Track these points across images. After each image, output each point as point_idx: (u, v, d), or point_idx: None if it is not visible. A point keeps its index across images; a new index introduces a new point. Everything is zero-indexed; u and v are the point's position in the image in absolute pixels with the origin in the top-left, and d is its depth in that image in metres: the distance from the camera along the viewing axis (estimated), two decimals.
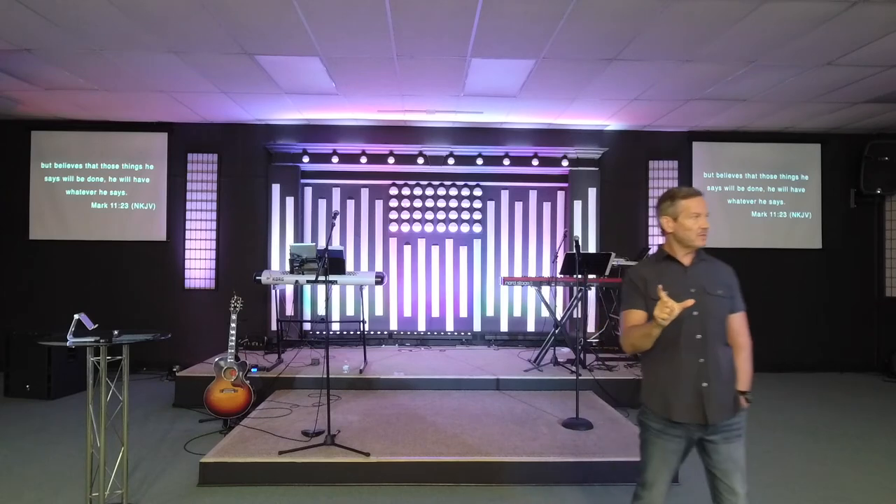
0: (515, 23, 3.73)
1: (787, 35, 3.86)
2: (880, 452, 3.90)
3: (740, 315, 2.03)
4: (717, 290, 1.98)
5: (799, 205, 6.67)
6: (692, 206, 2.00)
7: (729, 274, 2.05)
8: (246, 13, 3.62)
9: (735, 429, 2.01)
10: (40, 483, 3.24)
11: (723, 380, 1.96)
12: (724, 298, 1.99)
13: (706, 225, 2.01)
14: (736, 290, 2.03)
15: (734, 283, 2.04)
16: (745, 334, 2.03)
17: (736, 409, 1.99)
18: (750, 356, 2.03)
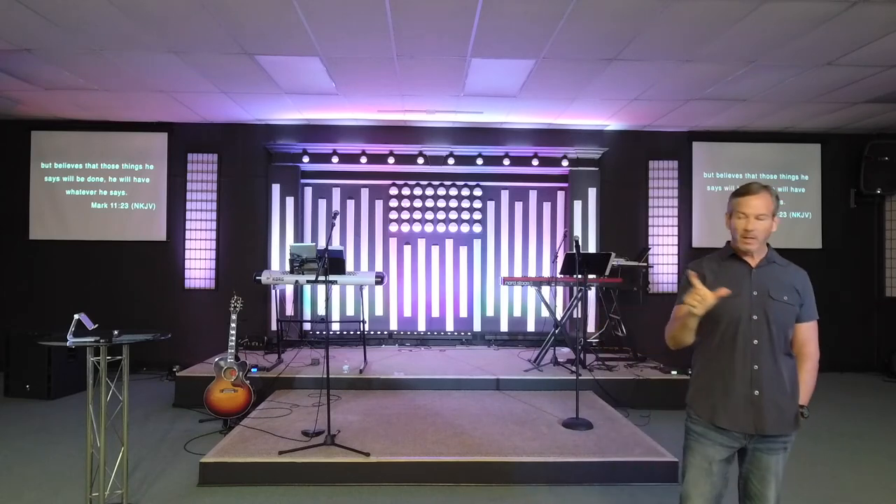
0: (515, 23, 3.72)
1: (787, 35, 3.86)
2: (880, 452, 3.90)
3: (810, 325, 1.87)
4: (783, 295, 1.83)
5: (799, 205, 6.67)
6: (740, 205, 1.87)
7: (801, 280, 1.89)
8: (246, 13, 3.62)
9: (783, 442, 1.86)
10: (40, 483, 3.24)
11: (779, 390, 1.83)
12: (789, 305, 1.84)
13: (749, 227, 1.84)
14: (808, 297, 1.87)
15: (806, 290, 1.87)
16: (813, 345, 1.88)
17: (795, 423, 1.84)
18: (815, 369, 1.88)
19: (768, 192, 1.86)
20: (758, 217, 1.84)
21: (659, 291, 6.56)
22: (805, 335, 1.88)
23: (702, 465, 1.92)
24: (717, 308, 1.81)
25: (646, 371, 5.18)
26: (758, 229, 1.85)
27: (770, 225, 1.87)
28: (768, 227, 1.87)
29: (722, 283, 1.85)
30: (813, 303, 1.89)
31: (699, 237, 6.61)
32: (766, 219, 1.85)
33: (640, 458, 3.34)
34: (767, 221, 1.86)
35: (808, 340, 1.88)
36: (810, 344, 1.88)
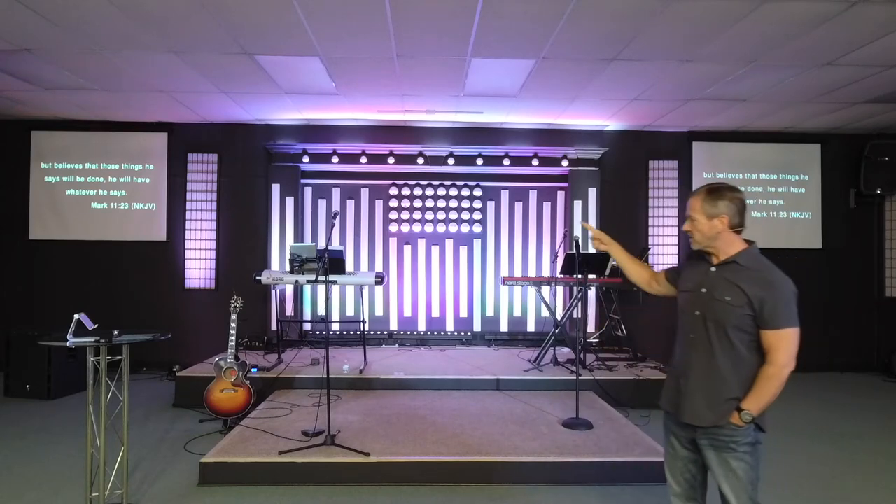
0: (515, 23, 3.72)
1: (787, 35, 3.86)
2: (880, 452, 3.90)
3: (773, 332, 1.81)
4: (726, 296, 1.87)
5: (799, 205, 6.67)
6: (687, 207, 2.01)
7: (761, 284, 1.84)
8: (246, 13, 3.62)
9: (723, 438, 1.87)
10: (40, 483, 3.24)
11: (708, 384, 1.89)
12: (732, 306, 1.85)
13: (686, 227, 1.98)
14: (769, 303, 1.81)
15: (767, 296, 1.81)
16: (777, 353, 1.81)
17: (720, 418, 1.86)
18: (772, 376, 1.82)
19: (702, 193, 1.93)
20: (692, 217, 1.95)
21: None
22: (768, 341, 1.83)
23: (668, 449, 2.09)
24: (679, 302, 2.04)
25: (646, 371, 5.18)
26: (694, 229, 1.95)
27: (708, 226, 1.91)
28: (705, 227, 1.92)
29: (685, 276, 2.05)
30: (780, 311, 1.81)
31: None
32: (699, 219, 1.92)
33: (640, 458, 3.35)
34: (702, 222, 1.92)
35: (772, 348, 1.83)
36: (773, 352, 1.82)
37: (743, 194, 1.95)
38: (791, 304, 1.83)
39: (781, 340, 1.81)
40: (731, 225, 1.91)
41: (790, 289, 1.85)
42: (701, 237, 1.95)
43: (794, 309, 1.83)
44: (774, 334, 1.81)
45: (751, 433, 1.86)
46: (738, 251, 1.93)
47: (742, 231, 1.95)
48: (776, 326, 1.81)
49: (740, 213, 1.92)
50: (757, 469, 1.88)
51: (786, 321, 1.81)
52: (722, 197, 1.90)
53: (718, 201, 1.90)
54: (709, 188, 1.94)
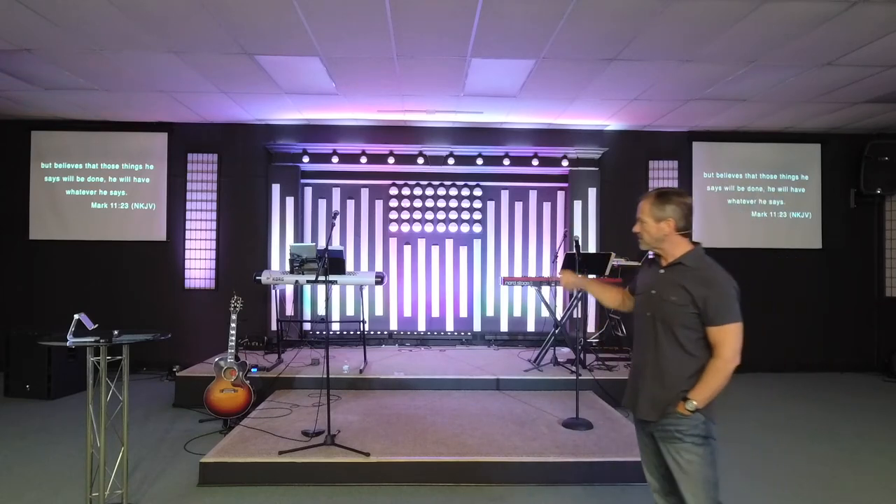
0: (515, 23, 3.72)
1: (787, 35, 3.86)
2: (880, 452, 3.90)
3: (717, 328, 1.89)
4: (671, 295, 1.95)
5: (799, 205, 6.67)
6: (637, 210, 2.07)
7: (703, 282, 1.91)
8: (246, 13, 3.62)
9: (669, 428, 1.94)
10: (40, 483, 3.24)
11: (655, 381, 1.98)
12: (677, 305, 1.93)
13: (635, 228, 2.07)
14: (712, 300, 1.88)
15: (710, 294, 1.89)
16: (722, 348, 1.89)
17: (665, 410, 1.94)
18: (718, 370, 1.88)
19: (651, 197, 2.02)
20: (641, 220, 2.04)
21: None
22: (714, 338, 1.90)
23: (640, 446, 2.16)
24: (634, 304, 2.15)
25: None
26: (643, 231, 2.04)
27: (655, 228, 2.00)
28: (652, 229, 2.01)
29: (639, 280, 2.14)
30: (722, 307, 1.88)
31: (699, 237, 6.51)
32: (648, 221, 2.01)
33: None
34: (650, 224, 2.01)
35: (717, 343, 1.90)
36: (719, 347, 1.89)
37: (690, 199, 2.03)
38: (733, 300, 1.92)
39: (726, 335, 1.89)
40: (678, 228, 1.99)
41: (731, 286, 1.93)
42: (649, 238, 2.04)
43: (736, 305, 1.92)
44: (719, 330, 1.89)
45: (699, 425, 1.90)
46: (684, 253, 2.00)
47: (689, 234, 2.03)
48: (720, 323, 1.89)
49: (686, 217, 1.99)
50: (713, 468, 1.91)
51: (729, 317, 1.89)
52: (669, 201, 1.99)
53: (666, 205, 1.99)
54: (657, 192, 2.03)
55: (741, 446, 3.98)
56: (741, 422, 4.59)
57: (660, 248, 2.03)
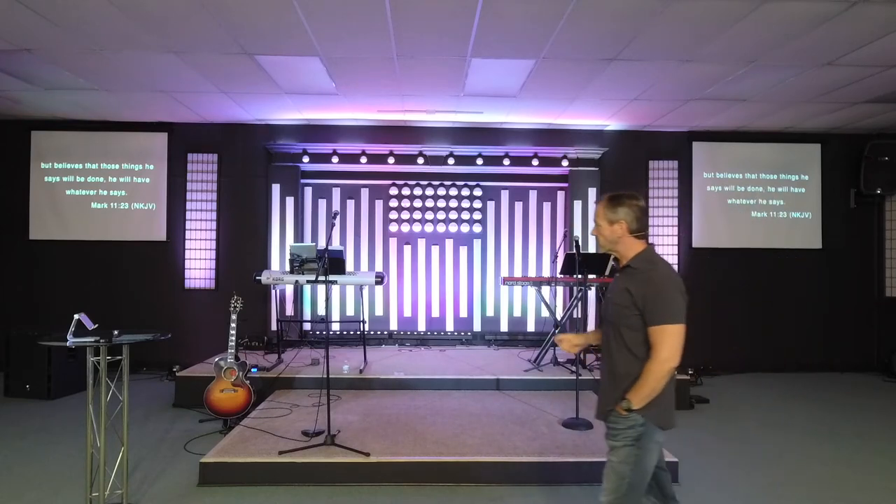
0: (515, 23, 3.72)
1: (787, 35, 3.86)
2: (880, 452, 3.90)
3: (654, 329, 1.87)
4: (616, 298, 2.00)
5: (799, 205, 6.67)
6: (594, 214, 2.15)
7: (642, 284, 1.92)
8: (246, 13, 3.62)
9: (608, 425, 1.98)
10: (40, 483, 3.24)
11: (606, 381, 2.04)
12: (621, 307, 1.96)
13: (594, 232, 2.13)
14: (649, 301, 1.88)
15: (648, 294, 1.89)
16: (658, 349, 1.86)
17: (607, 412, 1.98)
18: (653, 371, 1.86)
19: (605, 201, 2.07)
20: (597, 223, 2.09)
21: None
22: (651, 338, 1.89)
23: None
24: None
25: None
26: (598, 233, 2.09)
27: (609, 230, 2.04)
28: (606, 231, 2.05)
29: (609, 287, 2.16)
30: (660, 307, 1.87)
31: (699, 237, 6.61)
32: (602, 224, 2.06)
33: None
34: (605, 227, 2.05)
35: (654, 344, 1.88)
36: (655, 347, 1.88)
37: (642, 202, 2.05)
38: (672, 301, 1.88)
39: (662, 336, 1.86)
40: (631, 230, 2.01)
41: (673, 287, 1.91)
42: (604, 241, 2.08)
43: (676, 306, 1.89)
44: (655, 330, 1.88)
45: (636, 426, 1.91)
46: (635, 255, 2.02)
47: (643, 236, 2.04)
48: (656, 323, 1.87)
49: (639, 219, 2.01)
50: (632, 468, 1.91)
51: (666, 317, 1.87)
52: (621, 204, 2.02)
53: (618, 208, 2.02)
54: (610, 196, 2.07)
55: (741, 446, 3.98)
56: (741, 421, 4.59)
57: (615, 250, 2.06)
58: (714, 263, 6.57)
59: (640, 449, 1.91)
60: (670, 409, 1.98)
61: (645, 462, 1.92)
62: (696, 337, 6.75)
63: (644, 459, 1.92)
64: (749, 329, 6.53)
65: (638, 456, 1.91)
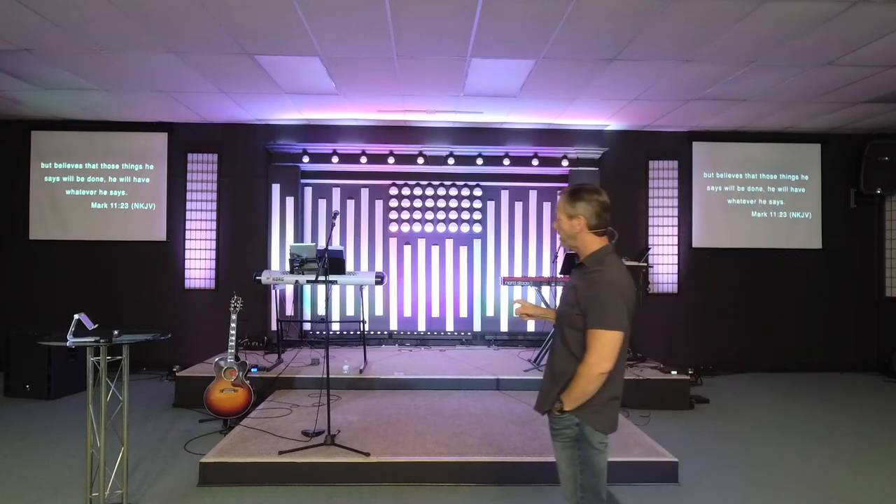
0: (515, 23, 3.72)
1: (787, 35, 3.86)
2: (880, 452, 3.90)
3: (589, 331, 1.84)
4: (565, 296, 2.01)
5: (799, 205, 6.67)
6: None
7: (586, 286, 1.90)
8: (246, 13, 3.62)
9: (556, 428, 2.00)
10: (40, 483, 3.24)
11: (549, 376, 2.04)
12: (566, 307, 1.97)
13: (555, 226, 2.06)
14: (589, 303, 1.85)
15: (589, 297, 1.86)
16: (589, 352, 1.84)
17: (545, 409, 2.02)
18: (580, 374, 1.85)
19: (565, 195, 2.01)
20: (558, 217, 2.03)
21: (659, 291, 6.56)
22: (586, 340, 1.87)
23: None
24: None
25: (646, 371, 5.17)
26: (559, 228, 2.03)
27: (568, 225, 1.99)
28: (565, 226, 2.00)
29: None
30: (596, 311, 1.84)
31: (699, 237, 6.61)
32: (562, 218, 2.00)
33: (640, 458, 3.35)
34: (564, 221, 2.00)
35: (587, 346, 1.86)
36: (587, 350, 1.85)
37: (604, 196, 1.98)
38: (610, 306, 1.84)
39: (594, 340, 1.83)
40: (590, 226, 1.96)
41: (614, 291, 1.86)
42: (564, 235, 2.03)
43: (613, 312, 1.83)
44: (590, 333, 1.85)
45: (572, 427, 1.92)
46: (590, 252, 1.98)
47: (603, 233, 1.99)
48: (591, 326, 1.85)
49: (598, 216, 1.95)
50: (581, 469, 1.92)
51: (598, 322, 1.83)
52: (580, 199, 1.96)
53: (577, 202, 1.96)
54: (571, 189, 2.01)
55: (741, 446, 3.98)
56: (741, 421, 4.59)
57: (573, 245, 2.02)
58: (714, 263, 6.57)
59: (582, 450, 1.91)
60: (609, 412, 1.93)
61: (593, 463, 1.91)
62: (696, 337, 6.79)
63: (591, 460, 1.90)
64: (749, 329, 6.53)
65: (582, 458, 1.91)
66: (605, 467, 1.95)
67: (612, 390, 1.92)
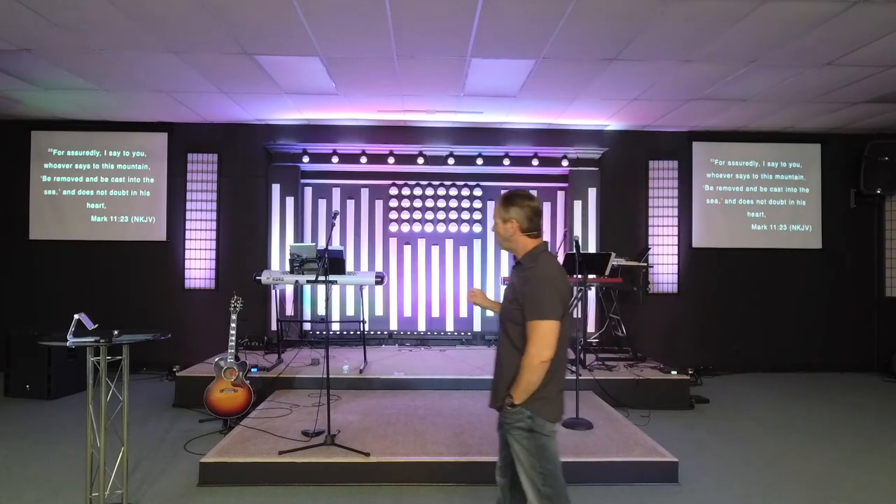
0: (515, 23, 3.72)
1: (787, 35, 3.86)
2: (880, 452, 3.90)
3: (528, 324, 1.96)
4: (506, 293, 2.13)
5: (799, 205, 6.66)
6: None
7: (522, 281, 2.02)
8: (246, 13, 3.62)
9: (502, 419, 2.09)
10: (40, 483, 3.24)
11: (497, 372, 2.15)
12: (507, 302, 2.08)
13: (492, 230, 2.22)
14: (525, 297, 1.97)
15: (525, 291, 1.98)
16: (529, 344, 1.95)
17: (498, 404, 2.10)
18: (524, 367, 1.95)
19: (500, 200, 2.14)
20: (495, 221, 2.17)
21: (659, 291, 6.56)
22: (526, 333, 1.97)
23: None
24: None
25: (646, 371, 5.18)
26: (495, 231, 2.17)
27: (503, 228, 2.12)
28: (500, 229, 2.13)
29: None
30: (531, 303, 1.95)
31: (699, 237, 6.61)
32: (498, 222, 2.14)
33: (640, 458, 3.35)
34: (500, 225, 2.12)
35: (527, 338, 1.96)
36: (527, 342, 1.96)
37: (535, 202, 2.11)
38: (544, 298, 1.95)
39: (532, 331, 1.94)
40: (523, 229, 2.09)
41: (547, 284, 1.98)
42: (500, 238, 2.16)
43: (548, 303, 1.94)
44: (528, 325, 1.96)
45: (524, 419, 2.00)
46: (525, 252, 2.10)
47: (535, 235, 2.11)
48: (529, 318, 1.96)
49: (530, 219, 2.08)
50: (539, 458, 2.00)
51: (536, 313, 1.94)
52: (513, 204, 2.09)
53: (510, 207, 2.09)
54: (504, 195, 2.14)
55: (741, 446, 3.98)
56: (741, 421, 4.59)
57: (509, 247, 2.14)
58: (714, 263, 6.57)
59: (537, 443, 2.00)
60: (555, 401, 2.05)
61: (548, 450, 2.01)
62: (696, 337, 6.78)
63: (547, 448, 2.01)
64: (749, 329, 6.53)
65: (538, 447, 2.00)
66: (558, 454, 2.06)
67: (560, 382, 2.07)
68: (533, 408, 1.99)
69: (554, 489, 2.00)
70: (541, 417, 2.00)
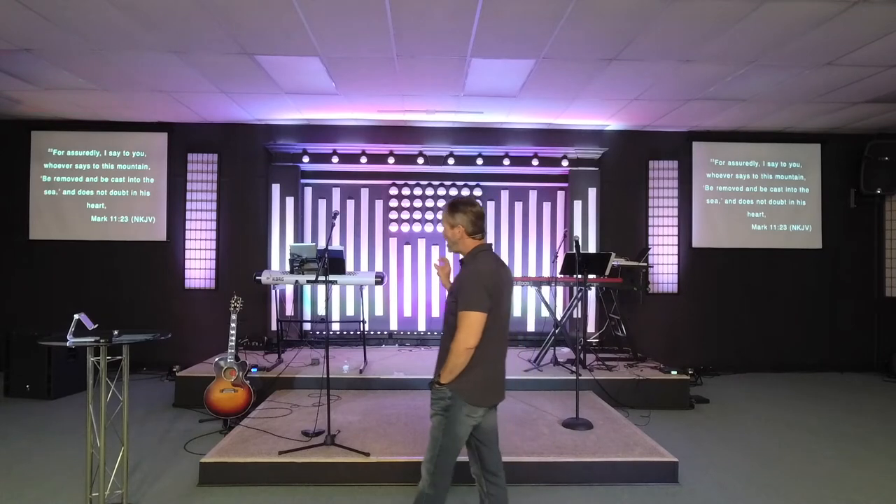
0: (515, 23, 3.72)
1: (787, 35, 3.86)
2: (880, 452, 3.90)
3: (458, 314, 2.15)
4: (450, 291, 2.29)
5: (799, 205, 6.66)
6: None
7: (459, 277, 2.24)
8: (246, 13, 3.62)
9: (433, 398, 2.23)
10: (40, 483, 3.24)
11: (438, 359, 2.29)
12: (450, 295, 2.25)
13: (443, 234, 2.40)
14: (458, 292, 2.18)
15: (460, 284, 2.20)
16: (458, 331, 2.14)
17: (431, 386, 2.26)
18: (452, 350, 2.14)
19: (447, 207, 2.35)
20: (444, 226, 2.36)
21: (659, 291, 6.56)
22: (456, 322, 2.16)
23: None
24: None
25: (646, 371, 5.18)
26: (445, 235, 2.37)
27: (451, 233, 2.33)
28: (449, 234, 2.34)
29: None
30: (462, 296, 2.15)
31: (699, 237, 6.61)
32: (446, 227, 2.35)
33: (640, 458, 3.34)
34: (448, 230, 2.34)
35: (457, 327, 2.15)
36: (457, 330, 2.14)
37: (478, 207, 2.33)
38: (472, 291, 2.15)
39: (461, 320, 2.14)
40: (468, 232, 2.30)
41: (476, 279, 2.18)
42: (449, 242, 2.37)
43: (475, 296, 2.14)
44: (458, 315, 2.16)
45: (445, 399, 2.18)
46: (468, 252, 2.31)
47: (479, 237, 2.32)
48: (459, 309, 2.16)
49: (474, 223, 2.29)
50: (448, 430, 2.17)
51: (464, 305, 2.14)
52: (458, 210, 2.30)
53: (455, 213, 2.30)
54: (450, 203, 2.35)
55: (741, 446, 3.98)
56: (741, 421, 4.59)
57: (457, 249, 2.34)
58: (714, 263, 6.57)
59: (448, 419, 2.18)
60: (482, 388, 2.22)
61: (455, 430, 2.18)
62: (696, 337, 6.78)
63: (453, 428, 2.18)
64: (749, 329, 6.53)
65: (447, 425, 2.18)
66: (465, 438, 2.23)
67: (489, 371, 2.24)
68: (455, 388, 2.17)
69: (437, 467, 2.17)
70: (461, 399, 2.16)
